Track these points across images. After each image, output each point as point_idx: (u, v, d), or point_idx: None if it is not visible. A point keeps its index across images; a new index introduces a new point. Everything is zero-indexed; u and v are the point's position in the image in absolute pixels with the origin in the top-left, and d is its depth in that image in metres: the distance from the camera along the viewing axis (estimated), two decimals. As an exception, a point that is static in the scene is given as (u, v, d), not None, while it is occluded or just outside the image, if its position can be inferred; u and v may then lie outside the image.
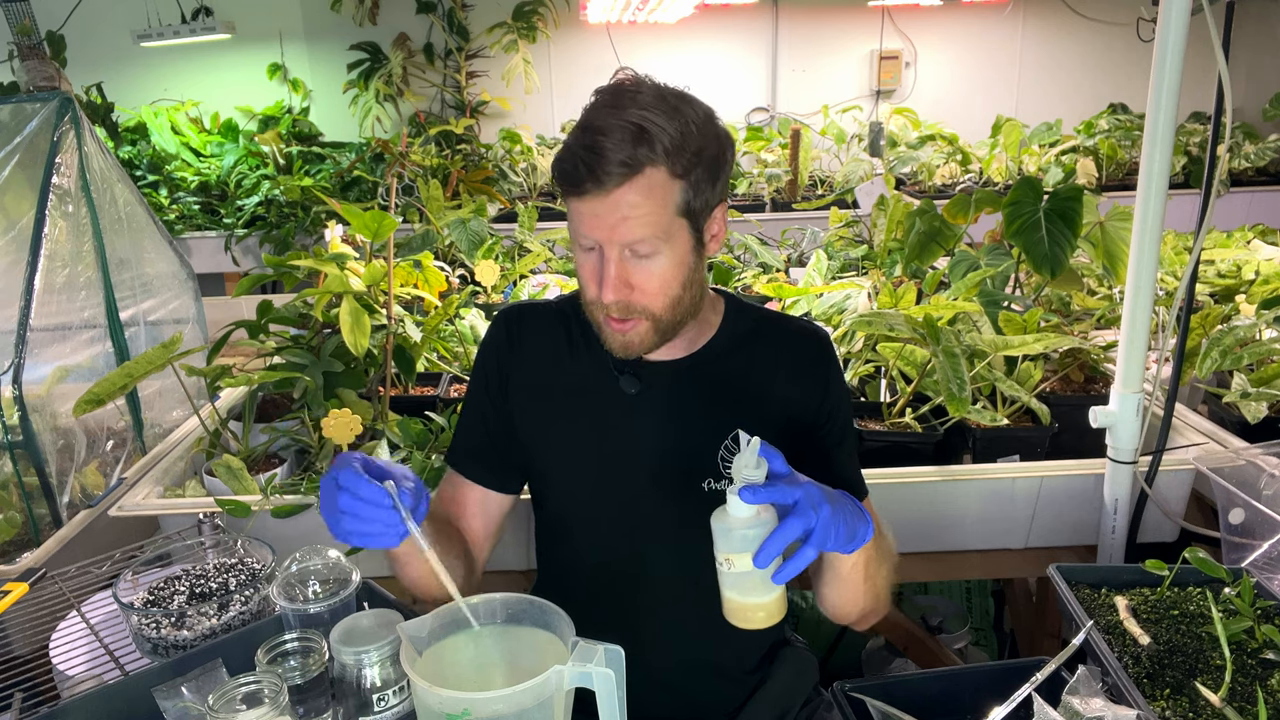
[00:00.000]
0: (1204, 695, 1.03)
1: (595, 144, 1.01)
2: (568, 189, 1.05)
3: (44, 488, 1.65)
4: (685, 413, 1.20)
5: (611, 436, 1.21)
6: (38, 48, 3.95)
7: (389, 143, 3.60)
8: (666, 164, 1.03)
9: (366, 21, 4.89)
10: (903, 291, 2.12)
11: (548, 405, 1.23)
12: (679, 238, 1.07)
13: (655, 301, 1.09)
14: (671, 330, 1.14)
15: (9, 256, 1.76)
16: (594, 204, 1.03)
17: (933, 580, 2.49)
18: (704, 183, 1.06)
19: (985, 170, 4.31)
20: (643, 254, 1.06)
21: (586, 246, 1.09)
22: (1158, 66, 1.43)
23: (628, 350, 1.13)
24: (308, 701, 1.06)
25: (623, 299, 1.08)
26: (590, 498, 1.23)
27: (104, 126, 4.53)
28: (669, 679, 1.24)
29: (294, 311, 1.99)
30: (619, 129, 1.01)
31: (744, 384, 1.21)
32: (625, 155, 1.00)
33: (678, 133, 1.03)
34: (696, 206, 1.07)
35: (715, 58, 5.02)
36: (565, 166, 1.04)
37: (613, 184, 1.01)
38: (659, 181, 1.03)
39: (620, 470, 1.21)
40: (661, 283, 1.08)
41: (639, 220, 1.03)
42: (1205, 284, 2.38)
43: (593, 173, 1.01)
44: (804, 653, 1.37)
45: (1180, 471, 1.68)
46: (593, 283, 1.09)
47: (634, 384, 1.20)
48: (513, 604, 0.97)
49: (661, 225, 1.04)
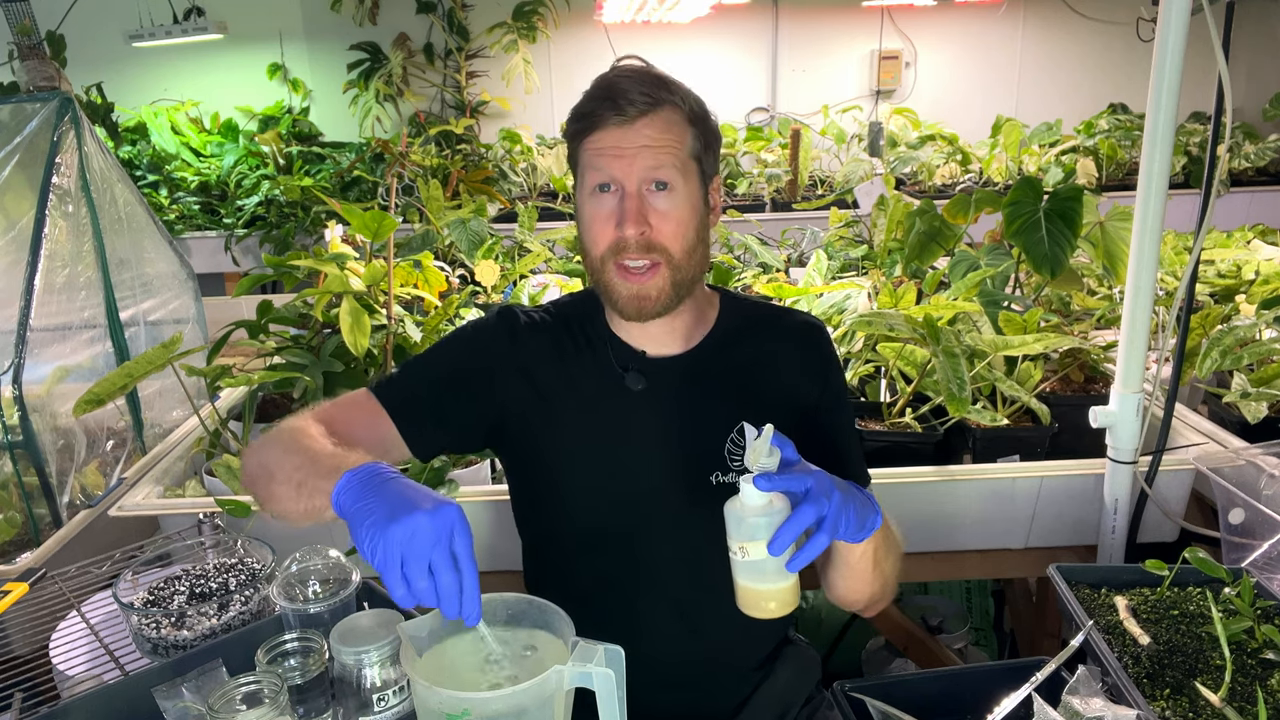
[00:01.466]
0: (1204, 695, 1.03)
1: (616, 84, 1.09)
2: (587, 126, 1.12)
3: (44, 488, 1.65)
4: (691, 407, 1.21)
5: (619, 434, 1.21)
6: (38, 48, 3.95)
7: (389, 143, 3.60)
8: (683, 107, 1.11)
9: (366, 21, 4.89)
10: (903, 291, 2.12)
11: (552, 406, 1.21)
12: (693, 180, 1.13)
13: (674, 242, 1.11)
14: (685, 291, 1.16)
15: (9, 256, 1.76)
16: (617, 135, 1.09)
17: (933, 580, 2.49)
18: (710, 141, 1.14)
19: (985, 170, 4.31)
20: (662, 188, 1.10)
21: (603, 188, 1.12)
22: (1158, 66, 1.43)
23: (642, 305, 1.13)
24: (308, 701, 1.06)
25: (644, 234, 1.10)
26: (599, 495, 1.22)
27: (104, 126, 4.53)
28: (672, 675, 1.24)
29: (294, 311, 1.99)
30: (637, 74, 1.11)
31: (746, 376, 1.22)
32: (647, 90, 1.09)
33: (687, 90, 1.14)
34: (706, 162, 1.14)
35: (715, 58, 5.02)
36: (585, 106, 1.12)
37: (635, 113, 1.08)
38: (677, 120, 1.11)
39: (629, 467, 1.21)
40: (678, 222, 1.12)
41: (661, 149, 1.09)
42: (1205, 284, 2.38)
43: (615, 104, 1.08)
44: (807, 650, 1.38)
45: (1180, 471, 1.68)
46: (610, 224, 1.11)
47: (639, 380, 1.20)
48: (513, 604, 0.97)
49: (680, 159, 1.11)
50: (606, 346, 1.22)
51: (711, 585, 1.21)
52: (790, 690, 1.31)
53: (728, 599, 1.06)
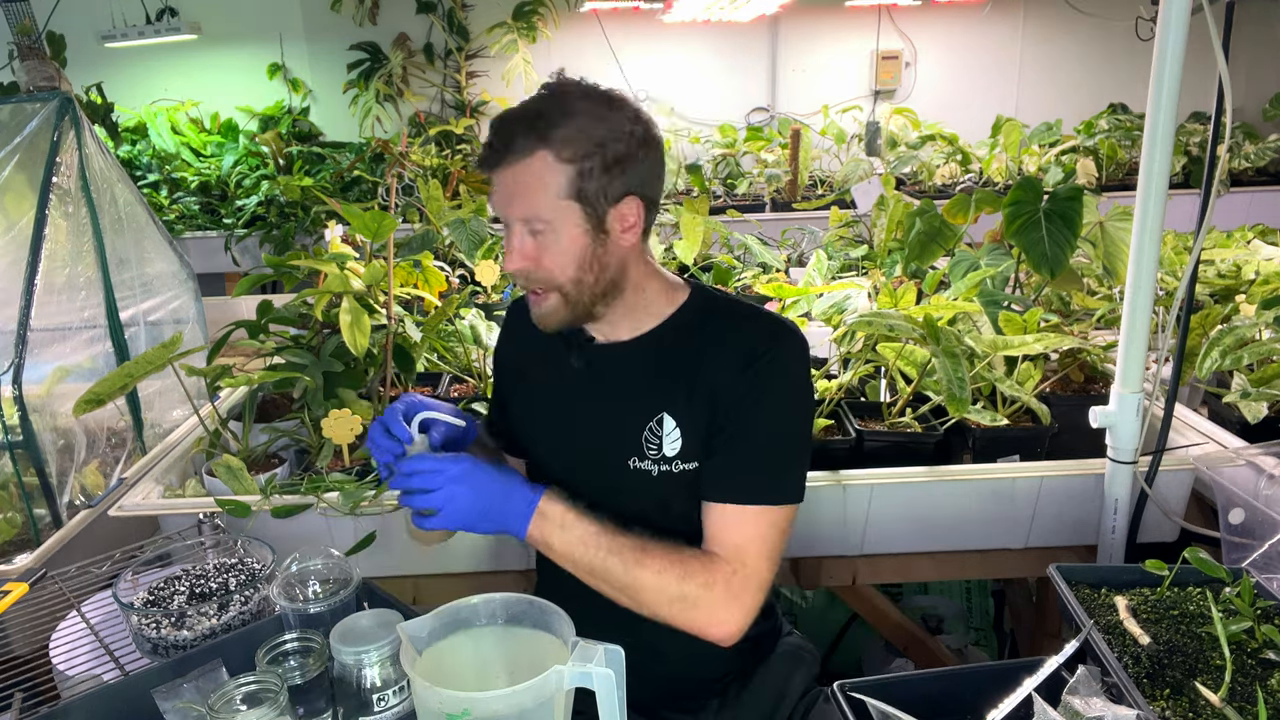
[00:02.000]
0: (1204, 695, 1.03)
1: (498, 124, 1.14)
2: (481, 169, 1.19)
3: (44, 488, 1.65)
4: (620, 392, 1.24)
5: (558, 410, 1.30)
6: (38, 48, 3.95)
7: (389, 143, 3.60)
8: (553, 150, 1.11)
9: (366, 21, 4.89)
10: (903, 291, 2.12)
11: (524, 383, 1.36)
12: (571, 217, 1.14)
13: (556, 275, 1.16)
14: (585, 309, 1.20)
15: (9, 256, 1.76)
16: (495, 180, 1.16)
17: (933, 580, 2.49)
18: (599, 172, 1.13)
19: (985, 170, 4.31)
20: (535, 230, 1.15)
21: (496, 220, 1.18)
22: (1158, 66, 1.43)
23: (542, 322, 1.21)
24: (308, 701, 1.06)
25: (523, 271, 1.17)
26: (548, 467, 1.32)
27: (104, 126, 4.53)
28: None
29: (294, 311, 1.99)
30: (518, 115, 1.13)
31: (681, 369, 1.21)
32: (517, 135, 1.12)
33: (575, 125, 1.12)
34: (589, 192, 1.13)
35: (715, 58, 5.02)
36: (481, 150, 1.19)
37: (497, 161, 1.13)
38: (542, 165, 1.12)
39: (566, 443, 1.29)
40: (555, 259, 1.15)
41: (524, 196, 1.13)
42: (1205, 284, 2.38)
43: (488, 147, 1.15)
44: (803, 644, 1.38)
45: (1180, 471, 1.68)
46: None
47: (580, 360, 1.27)
48: (513, 604, 0.98)
49: (547, 202, 1.12)
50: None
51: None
52: (785, 685, 1.31)
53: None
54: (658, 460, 1.20)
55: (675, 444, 1.19)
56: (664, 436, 1.20)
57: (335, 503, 1.59)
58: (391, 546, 1.64)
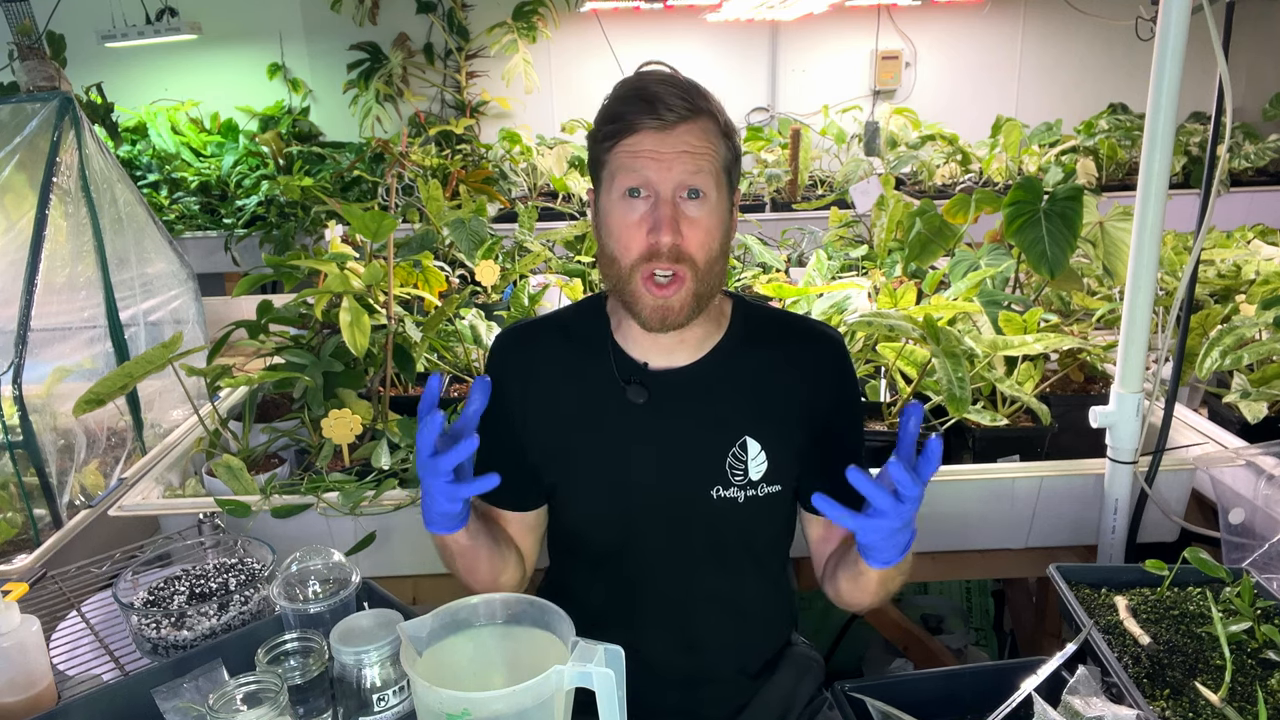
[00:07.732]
0: (1204, 695, 1.03)
1: (652, 89, 1.07)
2: (621, 129, 1.08)
3: (44, 488, 1.65)
4: (693, 421, 1.19)
5: (621, 447, 1.20)
6: (38, 47, 3.95)
7: (389, 143, 3.60)
8: (717, 119, 1.10)
9: (366, 21, 4.89)
10: (903, 291, 2.12)
11: (558, 420, 1.22)
12: (723, 191, 1.12)
13: (700, 252, 1.09)
14: (705, 300, 1.13)
15: (9, 256, 1.76)
16: (654, 139, 1.07)
17: (933, 580, 2.49)
18: (737, 155, 1.13)
19: (985, 170, 4.31)
20: (695, 196, 1.08)
21: (633, 192, 1.09)
22: (1158, 66, 1.43)
23: (665, 316, 1.11)
24: (308, 701, 1.06)
25: (678, 242, 1.08)
26: (602, 508, 1.22)
27: (104, 126, 4.52)
28: (672, 683, 1.24)
29: (294, 311, 1.99)
30: (673, 83, 1.08)
31: (752, 388, 1.20)
32: (686, 97, 1.07)
33: (719, 103, 1.11)
34: (734, 174, 1.13)
35: (715, 58, 5.01)
36: (618, 109, 1.08)
37: (675, 118, 1.06)
38: (712, 130, 1.09)
39: (630, 481, 1.20)
40: (707, 231, 1.10)
41: (699, 156, 1.07)
42: (1205, 284, 2.38)
43: (653, 109, 1.06)
44: (809, 653, 1.38)
45: (1180, 471, 1.68)
46: (641, 230, 1.09)
47: (641, 394, 1.18)
48: (513, 604, 0.97)
49: (714, 168, 1.09)
50: (610, 359, 1.20)
51: (711, 596, 1.22)
52: (792, 693, 1.31)
53: (723, 611, 1.06)
54: (744, 486, 1.17)
55: (761, 467, 1.17)
56: (749, 461, 1.17)
57: (335, 503, 1.59)
58: (391, 546, 1.64)
